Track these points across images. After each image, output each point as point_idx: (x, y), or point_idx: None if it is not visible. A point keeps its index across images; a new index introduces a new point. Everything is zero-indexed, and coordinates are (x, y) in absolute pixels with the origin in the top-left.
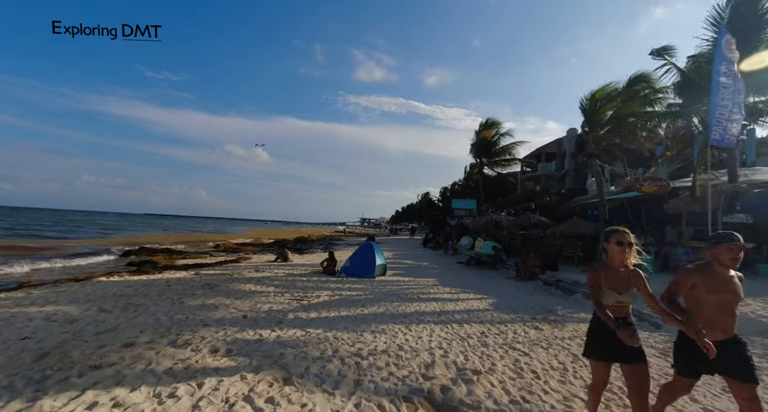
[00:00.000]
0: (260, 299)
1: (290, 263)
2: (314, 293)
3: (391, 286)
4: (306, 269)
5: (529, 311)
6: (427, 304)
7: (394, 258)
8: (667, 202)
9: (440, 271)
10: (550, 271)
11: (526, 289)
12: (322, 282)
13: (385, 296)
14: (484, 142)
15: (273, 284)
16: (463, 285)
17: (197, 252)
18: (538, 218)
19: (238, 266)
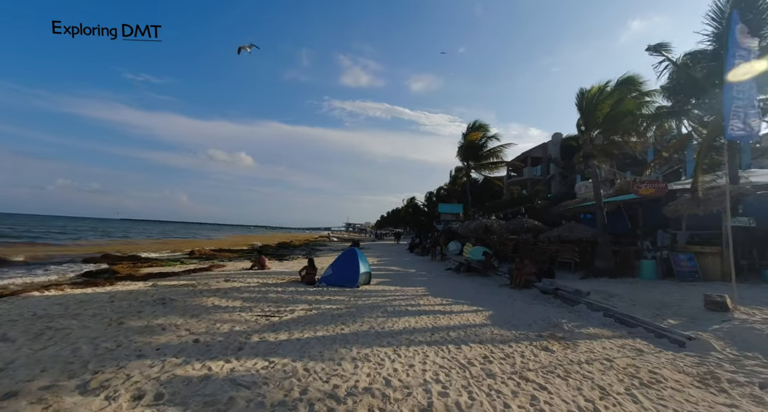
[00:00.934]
0: (222, 316)
1: (267, 271)
2: (288, 307)
3: (377, 296)
4: (283, 277)
5: (532, 327)
6: (417, 319)
7: (380, 265)
8: (667, 205)
9: (429, 278)
10: (546, 278)
11: (522, 299)
12: (299, 293)
13: (370, 309)
14: (471, 145)
15: (242, 297)
16: (455, 295)
17: (168, 259)
18: (531, 222)
19: (208, 275)
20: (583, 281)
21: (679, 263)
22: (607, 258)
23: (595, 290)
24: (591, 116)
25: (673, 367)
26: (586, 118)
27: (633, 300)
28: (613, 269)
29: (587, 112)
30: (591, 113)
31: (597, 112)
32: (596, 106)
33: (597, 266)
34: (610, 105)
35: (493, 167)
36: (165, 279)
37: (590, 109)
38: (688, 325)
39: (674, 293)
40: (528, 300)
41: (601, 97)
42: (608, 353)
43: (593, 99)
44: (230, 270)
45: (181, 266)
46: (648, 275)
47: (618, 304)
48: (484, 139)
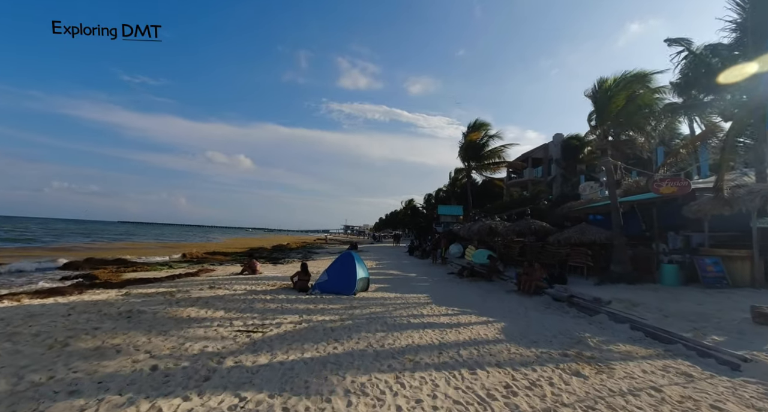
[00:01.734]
0: (196, 331)
1: (257, 277)
2: (275, 320)
3: (375, 306)
4: (274, 283)
5: (553, 343)
6: (422, 333)
7: (379, 268)
8: (689, 205)
9: (431, 284)
10: (558, 284)
11: (534, 307)
12: (290, 302)
13: (368, 322)
14: (472, 145)
15: (224, 307)
16: (461, 302)
17: (156, 263)
18: (540, 224)
19: (193, 281)
20: (598, 287)
21: (704, 268)
22: (624, 262)
23: (616, 298)
24: (605, 109)
25: (737, 400)
26: (599, 110)
27: (662, 310)
28: (630, 275)
29: (601, 104)
30: (605, 106)
31: (612, 105)
32: (611, 98)
33: (613, 270)
34: (626, 97)
35: (495, 168)
36: (143, 286)
37: (605, 101)
38: (737, 342)
39: (707, 302)
40: (540, 309)
41: (617, 88)
42: (652, 379)
43: (608, 90)
44: (219, 275)
45: (167, 271)
46: (670, 281)
47: (646, 315)
48: (485, 138)
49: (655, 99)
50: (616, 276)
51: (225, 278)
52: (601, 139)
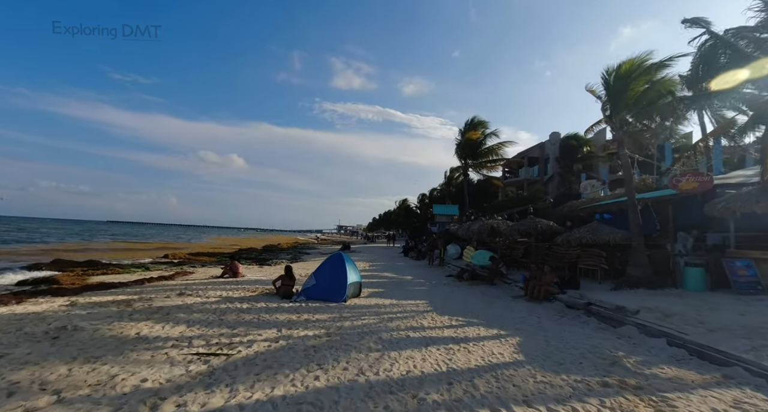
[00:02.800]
0: (139, 356)
1: (239, 280)
2: (247, 336)
3: (368, 316)
4: (255, 289)
5: (584, 366)
6: (424, 353)
7: (372, 270)
8: (712, 202)
9: (429, 288)
10: (570, 289)
11: (547, 316)
12: (270, 311)
13: (360, 337)
14: (470, 143)
15: (188, 320)
16: (465, 311)
17: (131, 265)
18: (546, 223)
19: (164, 286)
20: (615, 293)
21: (735, 272)
22: (643, 265)
23: (644, 307)
24: (622, 96)
25: None
26: (614, 98)
27: (702, 322)
28: (650, 279)
29: (617, 91)
30: (623, 92)
31: (630, 91)
32: (630, 83)
33: (631, 274)
34: (645, 82)
35: (492, 166)
36: (103, 293)
37: (622, 87)
38: None
39: (749, 312)
40: (554, 318)
41: (635, 73)
42: None
43: (626, 75)
44: (196, 279)
45: (141, 274)
46: (695, 286)
47: (684, 328)
48: (482, 135)
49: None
50: (634, 280)
51: (202, 282)
52: (617, 130)
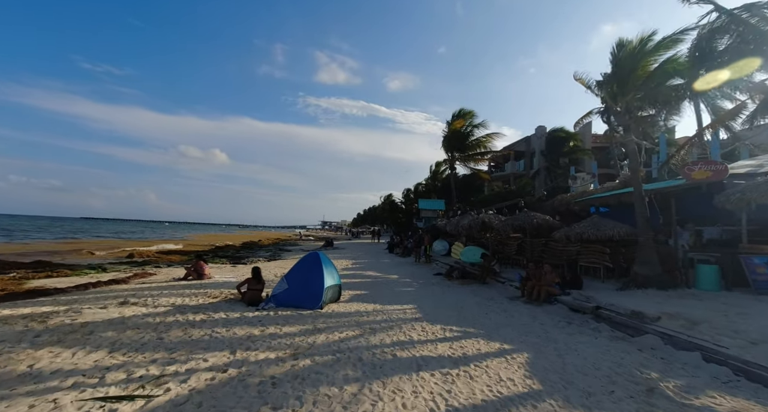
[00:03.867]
0: (12, 408)
1: (203, 283)
2: (187, 364)
3: (347, 328)
4: (219, 293)
5: (616, 393)
6: (416, 384)
7: (355, 269)
8: (724, 193)
9: (416, 289)
10: (572, 289)
11: (552, 322)
12: (228, 324)
13: (335, 361)
14: (456, 134)
15: (115, 341)
16: (459, 317)
17: (88, 265)
18: (542, 217)
19: (110, 292)
20: (622, 293)
21: (754, 269)
22: (652, 263)
23: (665, 313)
24: (631, 76)
25: None
26: (622, 79)
27: (736, 331)
28: (660, 278)
29: (624, 70)
30: (631, 72)
31: (639, 71)
32: (639, 61)
33: (638, 272)
34: (654, 60)
35: (480, 158)
36: (25, 303)
37: (630, 66)
38: None
39: None
40: (560, 325)
41: (645, 50)
42: None
43: (635, 52)
44: (155, 281)
45: (93, 276)
46: (709, 285)
47: (721, 339)
48: (469, 127)
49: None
50: (642, 280)
51: (160, 285)
52: (623, 114)
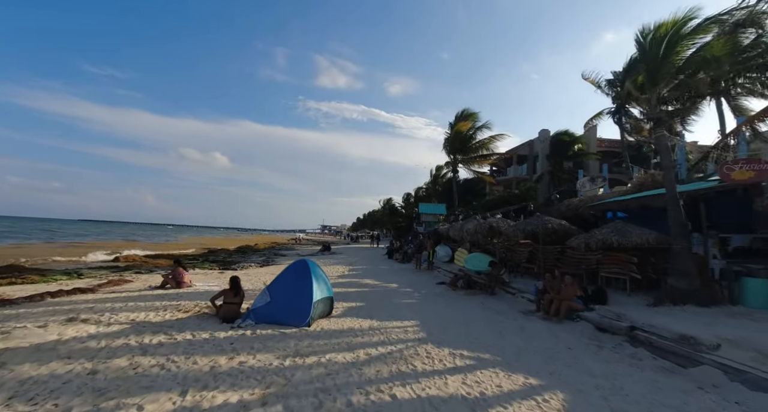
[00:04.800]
0: None
1: (179, 292)
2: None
3: (337, 352)
4: (193, 306)
5: None
6: None
7: (351, 276)
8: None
9: (419, 300)
10: (595, 304)
11: (581, 346)
12: (192, 347)
13: (315, 407)
14: (459, 137)
15: (25, 379)
16: (470, 338)
17: (62, 271)
18: (558, 222)
19: (67, 303)
20: (655, 310)
21: None
22: (690, 275)
23: (722, 338)
24: (663, 63)
25: None
26: (652, 65)
27: None
28: (700, 293)
29: (655, 56)
30: (664, 58)
31: (673, 57)
32: (674, 45)
33: (674, 285)
34: (688, 48)
35: (482, 161)
36: None
37: (662, 51)
38: None
39: None
40: (591, 349)
41: (681, 33)
42: None
43: (667, 38)
44: (128, 289)
45: (64, 282)
46: (760, 302)
47: None
48: (473, 129)
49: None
50: (678, 294)
51: (129, 295)
52: (654, 106)
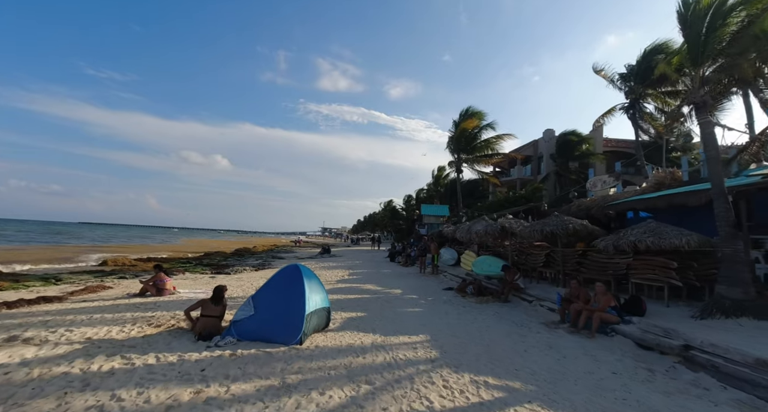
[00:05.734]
0: None
1: (158, 301)
2: None
3: (332, 382)
4: (169, 318)
5: None
6: None
7: (351, 280)
8: None
9: (426, 309)
10: (631, 315)
11: (630, 372)
12: (151, 377)
13: None
14: (464, 135)
15: None
16: (491, 359)
17: (39, 275)
18: (580, 223)
19: (26, 314)
20: (704, 323)
21: None
22: (744, 283)
23: None
24: (710, 37)
25: None
26: (695, 42)
27: None
28: (756, 303)
29: (699, 31)
30: (709, 33)
31: (720, 32)
32: (724, 18)
33: (724, 295)
34: (737, 23)
35: (487, 160)
36: None
37: (707, 25)
38: None
39: None
40: (641, 374)
41: (726, 6)
42: None
43: (712, 10)
44: (102, 298)
45: (32, 290)
46: None
47: None
48: (478, 128)
49: None
50: (731, 305)
51: (100, 305)
52: (698, 88)
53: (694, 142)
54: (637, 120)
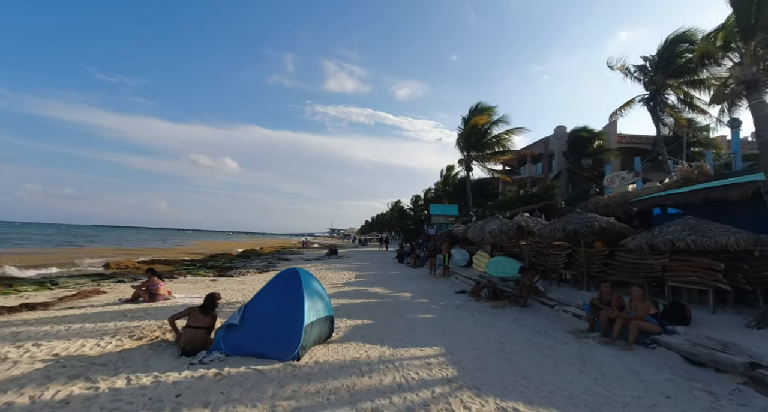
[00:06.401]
0: None
1: (150, 307)
2: None
3: (332, 409)
4: (154, 329)
5: None
6: None
7: (358, 283)
8: None
9: (439, 315)
10: (674, 325)
11: (687, 397)
12: (114, 405)
13: None
14: (474, 131)
15: None
16: (517, 377)
17: (40, 278)
18: (607, 220)
19: (9, 323)
20: (761, 333)
21: None
22: None
23: None
24: (762, 7)
25: None
26: (745, 17)
27: None
28: None
29: (749, 2)
30: (761, 6)
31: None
32: None
33: None
34: None
35: (499, 157)
36: None
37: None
38: None
39: None
40: (701, 399)
41: None
42: None
43: None
44: (92, 304)
45: (22, 295)
46: None
47: None
48: (488, 124)
49: None
50: None
51: (87, 312)
52: (749, 65)
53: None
54: (658, 112)
